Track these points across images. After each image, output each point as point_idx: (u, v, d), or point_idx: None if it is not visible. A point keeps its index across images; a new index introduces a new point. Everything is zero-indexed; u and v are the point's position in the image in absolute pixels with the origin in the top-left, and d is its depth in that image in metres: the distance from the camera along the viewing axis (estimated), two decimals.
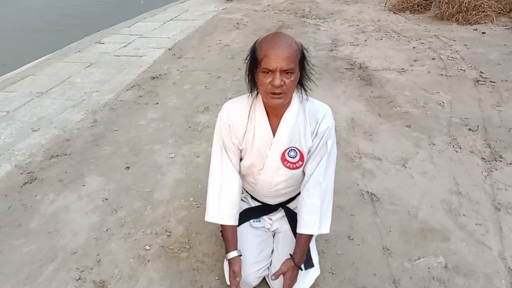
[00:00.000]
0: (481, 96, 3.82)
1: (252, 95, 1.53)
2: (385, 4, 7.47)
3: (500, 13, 6.22)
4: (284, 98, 1.39)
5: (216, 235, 2.15)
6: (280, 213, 1.81)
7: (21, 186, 2.62)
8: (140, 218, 2.32)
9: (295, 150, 1.53)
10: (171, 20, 6.91)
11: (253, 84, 1.49)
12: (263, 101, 1.49)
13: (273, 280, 1.58)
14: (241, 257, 1.62)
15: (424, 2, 7.00)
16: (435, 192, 2.56)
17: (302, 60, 1.41)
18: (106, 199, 2.48)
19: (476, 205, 2.44)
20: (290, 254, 1.59)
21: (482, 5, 6.20)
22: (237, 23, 6.55)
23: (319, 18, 6.85)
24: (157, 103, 3.77)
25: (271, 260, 1.77)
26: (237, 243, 1.64)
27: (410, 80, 4.26)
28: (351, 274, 1.97)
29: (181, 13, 7.22)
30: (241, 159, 1.64)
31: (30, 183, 2.65)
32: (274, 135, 1.52)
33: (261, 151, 1.55)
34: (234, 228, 1.63)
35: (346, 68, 4.60)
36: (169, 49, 5.30)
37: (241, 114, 1.55)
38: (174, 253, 2.05)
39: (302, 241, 1.59)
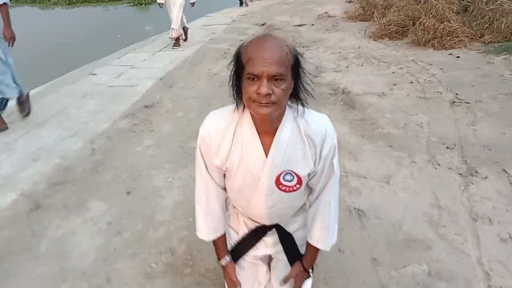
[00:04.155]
0: (457, 116, 4.09)
1: (238, 109, 1.29)
2: (365, 32, 7.84)
3: (472, 38, 6.62)
4: (274, 108, 1.14)
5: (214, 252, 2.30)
6: (275, 237, 1.55)
7: (28, 213, 2.74)
8: (144, 238, 2.47)
9: (291, 174, 1.31)
10: (160, 50, 7.17)
11: (238, 95, 1.24)
12: (251, 115, 1.26)
13: (282, 285, 1.57)
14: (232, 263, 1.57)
15: (402, 29, 7.38)
16: (417, 206, 2.75)
17: (295, 66, 1.17)
18: (110, 222, 2.62)
19: (455, 216, 2.65)
20: (300, 262, 1.56)
21: (456, 31, 6.58)
22: (224, 53, 6.83)
23: (303, 46, 7.16)
24: (151, 131, 3.95)
25: None
26: (226, 249, 1.58)
27: (390, 103, 4.52)
28: (342, 283, 2.14)
29: (169, 44, 7.48)
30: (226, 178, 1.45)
31: (36, 210, 2.78)
32: (266, 156, 1.28)
33: (252, 174, 1.31)
34: (222, 238, 1.56)
35: (330, 93, 4.85)
36: (160, 78, 5.51)
37: (224, 132, 1.30)
38: (178, 269, 2.20)
39: (313, 252, 1.53)
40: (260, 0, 13.87)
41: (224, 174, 1.42)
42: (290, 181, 1.32)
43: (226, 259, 1.57)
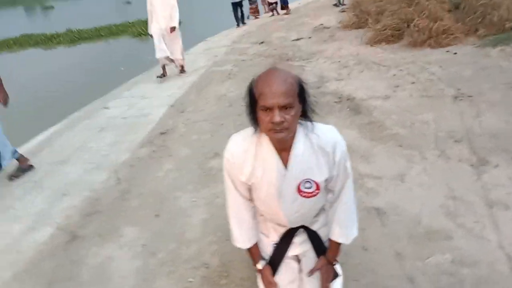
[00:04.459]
0: (461, 110, 4.22)
1: (256, 131, 1.47)
2: (361, 39, 8.04)
3: (467, 34, 6.77)
4: (287, 132, 1.35)
5: (248, 261, 2.43)
6: (303, 235, 1.72)
7: (65, 245, 2.91)
8: (178, 256, 2.61)
9: (310, 182, 1.49)
10: (166, 78, 7.39)
11: (255, 123, 1.43)
12: (269, 137, 1.45)
13: (308, 276, 1.71)
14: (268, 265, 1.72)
15: (397, 32, 7.55)
16: (433, 200, 2.87)
17: (301, 92, 1.36)
18: (144, 245, 2.78)
19: (471, 205, 2.76)
20: (324, 256, 1.72)
21: (450, 29, 6.75)
22: (229, 74, 7.04)
23: (303, 59, 7.36)
24: (170, 155, 4.12)
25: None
26: (261, 254, 1.74)
27: (395, 104, 4.66)
28: (371, 278, 2.26)
29: (175, 70, 7.71)
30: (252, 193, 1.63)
31: (73, 241, 2.94)
32: (286, 168, 1.48)
33: (275, 185, 1.49)
34: (255, 246, 1.73)
35: (335, 101, 5.01)
36: (171, 105, 5.72)
37: (246, 152, 1.50)
38: (214, 281, 2.35)
39: (335, 246, 1.70)
40: (256, 19, 14.20)
41: (250, 188, 1.59)
42: (309, 188, 1.51)
43: (262, 262, 1.72)
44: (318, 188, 1.52)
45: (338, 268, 1.83)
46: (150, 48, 6.98)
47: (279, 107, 1.29)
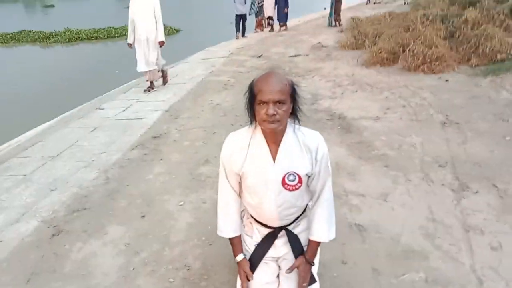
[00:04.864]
0: (448, 136, 4.34)
1: (252, 126, 1.70)
2: (357, 60, 8.20)
3: (460, 62, 6.97)
4: (278, 124, 1.57)
5: (229, 266, 2.49)
6: (284, 238, 1.88)
7: (50, 238, 2.94)
8: (161, 257, 2.66)
9: (293, 175, 1.69)
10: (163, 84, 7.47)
11: (252, 116, 1.65)
12: (262, 130, 1.66)
13: (288, 273, 1.84)
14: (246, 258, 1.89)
15: (392, 56, 7.74)
16: (413, 220, 2.96)
17: (293, 93, 1.60)
18: (128, 244, 2.82)
19: (449, 228, 2.85)
20: (303, 254, 1.86)
21: (444, 56, 6.94)
22: (225, 84, 7.14)
23: (299, 76, 7.49)
24: (161, 159, 4.18)
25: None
26: (242, 248, 1.90)
27: (385, 126, 4.78)
28: None
29: (172, 77, 7.79)
30: (242, 183, 1.81)
31: (58, 235, 2.97)
32: (274, 161, 1.68)
33: (263, 175, 1.70)
34: (238, 237, 1.90)
35: (327, 119, 5.12)
36: (166, 110, 5.78)
37: (241, 143, 1.72)
38: (195, 283, 2.40)
39: (314, 246, 1.85)
40: (256, 32, 14.37)
41: (240, 180, 1.79)
42: (293, 181, 1.70)
43: (241, 255, 1.87)
44: (300, 181, 1.71)
45: (315, 274, 1.93)
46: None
47: (273, 102, 1.53)
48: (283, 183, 1.70)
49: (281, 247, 1.88)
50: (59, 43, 17.19)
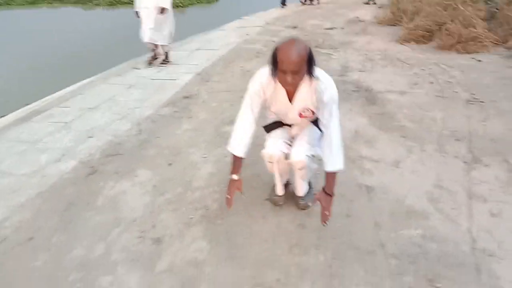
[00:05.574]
0: (470, 113, 4.39)
1: (274, 77, 2.12)
2: (393, 36, 8.15)
3: (496, 43, 6.84)
4: (294, 87, 2.11)
5: (243, 211, 2.76)
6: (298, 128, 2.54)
7: (86, 177, 3.29)
8: (183, 199, 2.96)
9: (307, 109, 2.25)
10: (197, 49, 7.71)
11: (274, 70, 2.06)
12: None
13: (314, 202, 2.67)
14: (239, 180, 2.39)
15: (428, 34, 7.65)
16: (421, 186, 3.11)
17: (309, 59, 2.00)
18: (155, 186, 3.13)
19: (454, 195, 2.99)
20: (322, 188, 2.33)
21: (480, 37, 6.82)
22: (257, 52, 7.30)
23: (331, 48, 7.54)
24: (190, 117, 4.46)
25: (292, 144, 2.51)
26: (240, 170, 2.37)
27: (410, 100, 4.86)
28: (347, 238, 2.54)
29: (206, 43, 8.03)
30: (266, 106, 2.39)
31: (93, 174, 3.32)
32: (291, 102, 2.23)
33: (284, 110, 2.32)
34: (241, 159, 2.35)
35: (353, 90, 5.23)
36: (198, 74, 6.04)
37: (268, 82, 2.18)
38: (211, 221, 2.69)
39: (330, 178, 2.28)
40: (306, 4, 14.15)
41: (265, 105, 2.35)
42: (307, 112, 2.29)
43: (237, 176, 2.37)
44: (313, 113, 2.29)
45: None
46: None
47: (291, 72, 1.94)
48: (300, 115, 2.29)
49: (294, 131, 2.52)
50: (101, 6, 17.65)
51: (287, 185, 2.89)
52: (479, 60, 6.22)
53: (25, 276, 2.32)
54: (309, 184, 2.88)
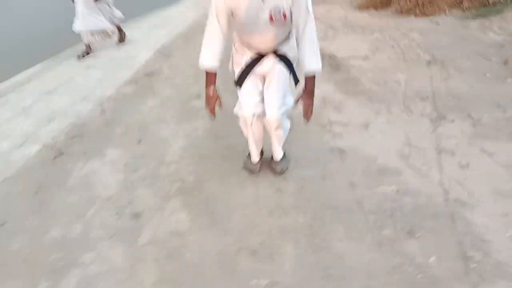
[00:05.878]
0: (432, 74, 4.50)
1: None
2: (351, 3, 8.17)
3: (452, 5, 6.99)
4: None
5: (218, 179, 2.74)
6: (271, 57, 2.30)
7: (53, 159, 3.17)
8: (158, 173, 2.90)
9: (279, 12, 2.02)
10: (156, 26, 7.46)
11: None
12: None
13: (296, 103, 2.42)
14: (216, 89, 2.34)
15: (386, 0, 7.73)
16: (390, 145, 3.19)
17: None
18: (126, 163, 3.05)
19: (423, 151, 3.08)
20: (303, 89, 2.32)
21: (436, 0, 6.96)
22: None
23: None
24: (154, 93, 4.33)
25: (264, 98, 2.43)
26: (215, 82, 2.32)
27: (373, 65, 4.92)
28: (325, 200, 2.58)
29: (164, 19, 7.77)
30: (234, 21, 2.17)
31: (59, 156, 3.20)
32: (263, 2, 2.00)
33: (253, 13, 2.02)
34: (214, 74, 2.31)
35: None
36: (158, 50, 5.86)
37: None
38: (189, 193, 2.66)
39: (309, 79, 2.28)
40: None
41: (231, 18, 2.12)
42: (278, 16, 2.03)
43: (212, 87, 2.34)
44: (285, 16, 2.05)
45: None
46: None
47: None
48: (270, 18, 2.03)
49: (267, 63, 2.30)
50: None
51: (261, 153, 2.88)
52: (437, 22, 6.36)
53: (2, 261, 2.23)
54: (284, 153, 2.88)
